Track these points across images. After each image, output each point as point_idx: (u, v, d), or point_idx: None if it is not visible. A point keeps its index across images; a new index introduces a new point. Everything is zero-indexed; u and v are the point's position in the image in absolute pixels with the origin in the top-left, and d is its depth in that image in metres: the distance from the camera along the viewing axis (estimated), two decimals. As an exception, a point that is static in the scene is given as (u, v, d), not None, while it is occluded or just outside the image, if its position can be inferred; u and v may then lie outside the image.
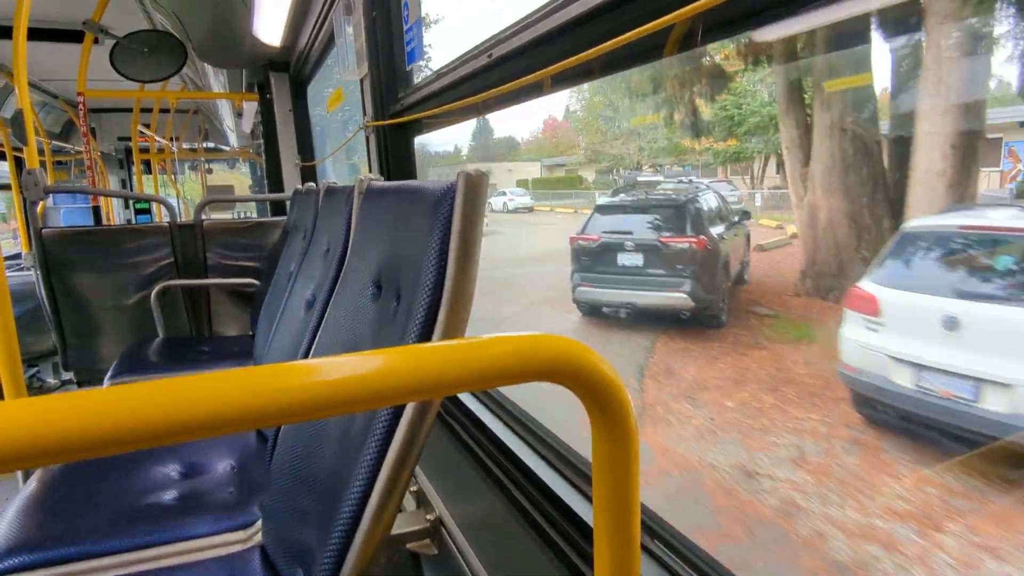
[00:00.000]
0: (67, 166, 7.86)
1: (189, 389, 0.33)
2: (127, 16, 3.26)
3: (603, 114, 21.04)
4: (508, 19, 1.20)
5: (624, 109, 18.49)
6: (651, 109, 14.91)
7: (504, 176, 31.10)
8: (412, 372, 0.39)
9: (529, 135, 46.07)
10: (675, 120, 11.40)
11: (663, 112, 12.02)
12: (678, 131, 13.26)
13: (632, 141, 18.28)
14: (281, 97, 3.90)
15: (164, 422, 0.32)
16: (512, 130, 47.45)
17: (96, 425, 0.31)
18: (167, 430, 0.33)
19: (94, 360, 2.97)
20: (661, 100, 11.86)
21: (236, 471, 1.45)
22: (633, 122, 17.51)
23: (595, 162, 21.24)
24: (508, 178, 30.44)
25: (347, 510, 0.84)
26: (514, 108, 1.36)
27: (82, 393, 0.32)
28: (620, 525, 0.47)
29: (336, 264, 1.37)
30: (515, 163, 35.71)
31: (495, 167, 32.27)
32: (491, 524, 1.42)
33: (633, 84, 15.37)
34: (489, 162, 36.40)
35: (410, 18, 1.80)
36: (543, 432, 1.34)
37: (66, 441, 0.30)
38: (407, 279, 0.89)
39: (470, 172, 0.80)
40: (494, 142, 47.26)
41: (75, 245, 2.89)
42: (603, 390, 0.44)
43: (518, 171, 31.79)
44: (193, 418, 0.33)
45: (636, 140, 17.92)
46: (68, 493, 1.31)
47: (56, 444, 0.30)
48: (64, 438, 0.30)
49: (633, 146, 18.21)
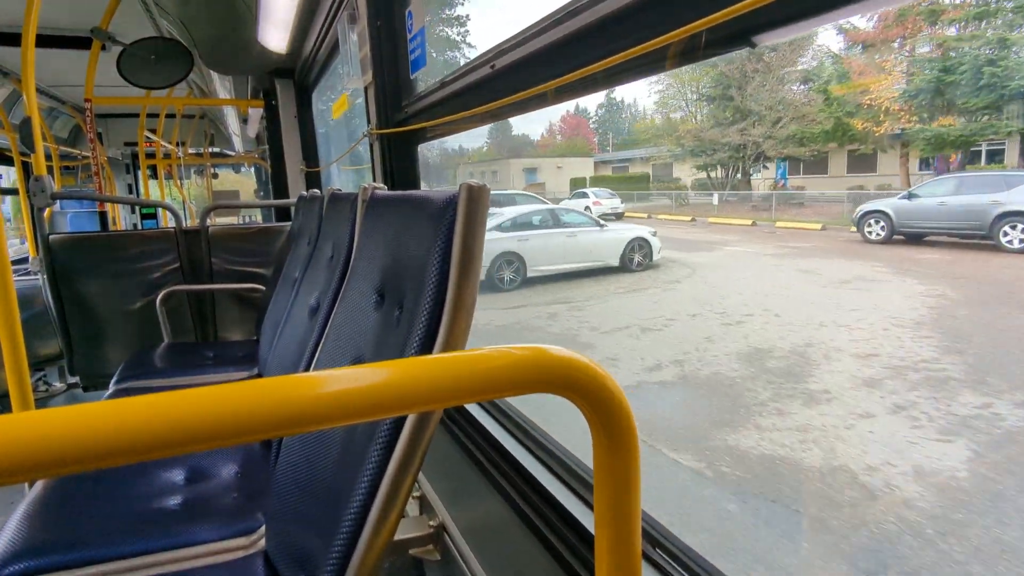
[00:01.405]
0: (74, 171, 7.91)
1: (194, 401, 0.34)
2: (134, 23, 3.28)
3: (710, 94, 16.80)
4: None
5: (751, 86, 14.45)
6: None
7: (552, 174, 28.74)
8: (415, 384, 0.39)
9: (557, 131, 43.66)
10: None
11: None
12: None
13: (757, 126, 14.27)
14: (286, 103, 3.92)
15: (170, 435, 0.33)
16: (531, 127, 45.60)
17: (102, 437, 0.32)
18: (172, 442, 0.33)
19: (100, 364, 2.99)
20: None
21: (240, 477, 1.46)
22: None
23: (699, 154, 16.31)
24: (559, 177, 28.09)
25: (350, 516, 0.85)
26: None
27: (88, 406, 0.33)
28: (621, 533, 0.48)
29: (340, 271, 1.38)
30: (564, 159, 33.53)
31: (541, 165, 30.13)
32: (493, 530, 1.42)
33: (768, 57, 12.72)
34: (516, 158, 34.73)
35: (414, 27, 1.81)
36: (546, 439, 1.34)
37: (73, 453, 0.31)
38: (410, 288, 0.90)
39: (472, 183, 0.81)
40: (519, 138, 45.13)
41: (81, 250, 2.91)
42: (604, 401, 0.45)
43: (569, 168, 29.32)
44: (198, 430, 0.34)
45: (761, 125, 14.04)
46: (73, 499, 1.32)
47: (63, 457, 0.31)
48: (71, 451, 0.31)
49: (759, 131, 14.19)
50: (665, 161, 21.65)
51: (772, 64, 14.31)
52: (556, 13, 1.04)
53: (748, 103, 14.72)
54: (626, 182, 22.86)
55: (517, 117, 37.38)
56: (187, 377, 2.21)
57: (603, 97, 47.76)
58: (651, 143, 22.28)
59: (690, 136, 16.67)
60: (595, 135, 44.69)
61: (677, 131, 17.61)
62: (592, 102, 48.57)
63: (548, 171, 29.24)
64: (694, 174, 18.00)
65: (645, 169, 24.91)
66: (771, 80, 14.25)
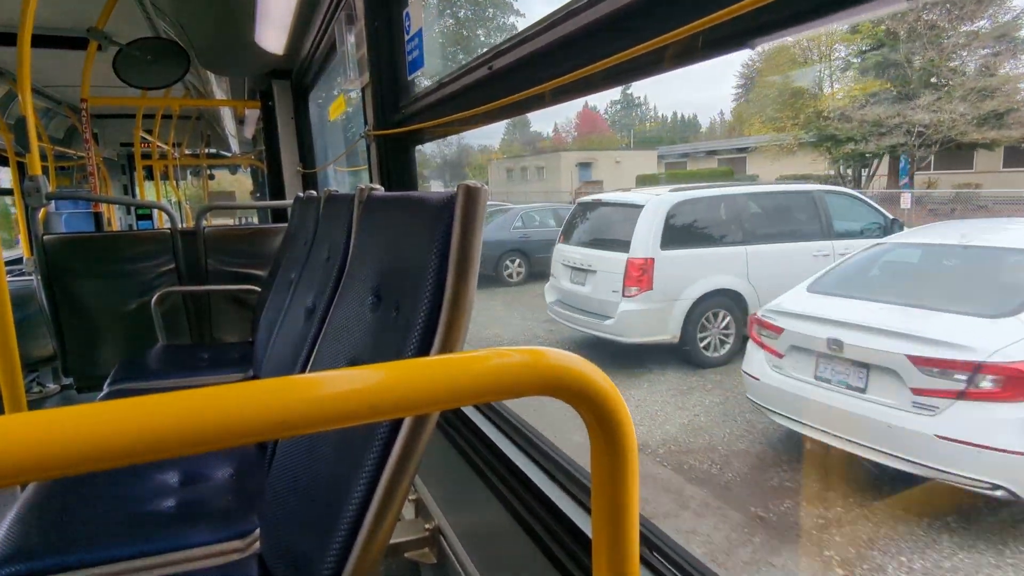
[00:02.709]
0: (69, 172, 7.88)
1: (189, 403, 0.34)
2: (131, 24, 3.27)
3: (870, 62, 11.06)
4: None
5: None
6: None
7: (610, 170, 24.84)
8: (412, 387, 0.39)
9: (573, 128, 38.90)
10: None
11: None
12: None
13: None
14: (283, 104, 3.92)
15: (164, 437, 0.33)
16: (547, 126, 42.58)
17: (96, 440, 0.31)
18: (167, 445, 0.33)
19: (94, 366, 2.97)
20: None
21: (235, 479, 1.45)
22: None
23: (843, 142, 11.16)
24: (617, 174, 24.27)
25: (346, 519, 0.84)
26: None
27: (82, 408, 0.32)
28: (619, 537, 0.47)
29: (336, 272, 1.37)
30: (621, 151, 29.30)
31: (597, 159, 25.91)
32: (490, 534, 1.42)
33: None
34: (567, 151, 30.06)
35: (411, 28, 1.81)
36: (543, 442, 1.34)
37: (66, 456, 0.30)
38: (407, 290, 0.90)
39: (469, 184, 0.80)
40: (534, 134, 39.26)
41: (76, 251, 2.90)
42: (602, 404, 0.44)
43: (630, 163, 25.33)
44: (193, 433, 0.33)
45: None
46: (67, 501, 1.31)
47: (55, 459, 0.30)
48: (63, 453, 0.30)
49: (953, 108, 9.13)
50: (731, 156, 19.23)
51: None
52: (554, 15, 1.04)
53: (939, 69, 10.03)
54: (699, 179, 18.90)
55: (536, 113, 33.60)
56: (182, 379, 2.20)
57: (618, 94, 46.79)
58: (740, 132, 19.41)
59: (826, 118, 11.83)
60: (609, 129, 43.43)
61: (803, 111, 12.99)
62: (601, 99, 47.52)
63: (605, 167, 25.20)
64: (778, 170, 13.55)
65: (708, 164, 21.37)
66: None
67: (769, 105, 14.86)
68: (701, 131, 38.55)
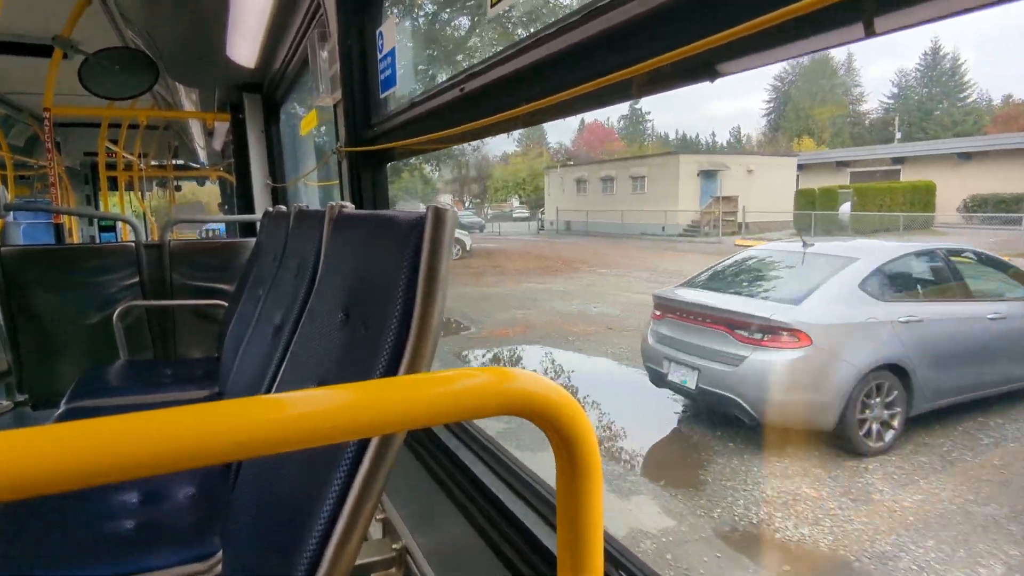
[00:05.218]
0: (30, 181, 7.66)
1: (150, 424, 0.33)
2: (98, 32, 3.22)
3: None
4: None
5: None
6: None
7: (741, 182, 19.29)
8: (379, 407, 0.39)
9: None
10: None
11: None
12: None
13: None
14: (254, 118, 3.88)
15: (121, 460, 0.32)
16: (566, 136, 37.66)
17: (49, 463, 0.30)
18: (124, 468, 0.32)
19: (51, 382, 2.88)
20: None
21: (197, 499, 1.42)
22: None
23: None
24: (749, 186, 19.00)
25: (311, 539, 0.83)
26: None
27: (34, 430, 0.32)
28: (584, 555, 0.48)
29: (305, 290, 1.36)
30: (756, 157, 22.91)
31: (725, 167, 20.40)
32: (457, 552, 1.41)
33: None
34: (686, 153, 23.53)
35: (384, 47, 1.82)
36: (511, 460, 1.34)
37: (17, 479, 0.30)
38: (375, 308, 0.90)
39: (438, 206, 0.81)
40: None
41: (34, 263, 2.82)
42: (566, 424, 0.45)
43: (765, 173, 19.96)
44: (153, 454, 0.33)
45: None
46: (20, 523, 1.26)
47: (11, 481, 0.30)
48: (15, 476, 0.30)
49: None
50: (874, 169, 16.23)
51: None
52: (523, 41, 1.06)
53: None
54: (900, 195, 14.46)
55: (550, 124, 29.39)
56: (143, 396, 2.14)
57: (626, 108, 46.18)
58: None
59: None
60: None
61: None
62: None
63: (734, 177, 19.66)
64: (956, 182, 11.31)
65: (840, 178, 17.32)
66: None
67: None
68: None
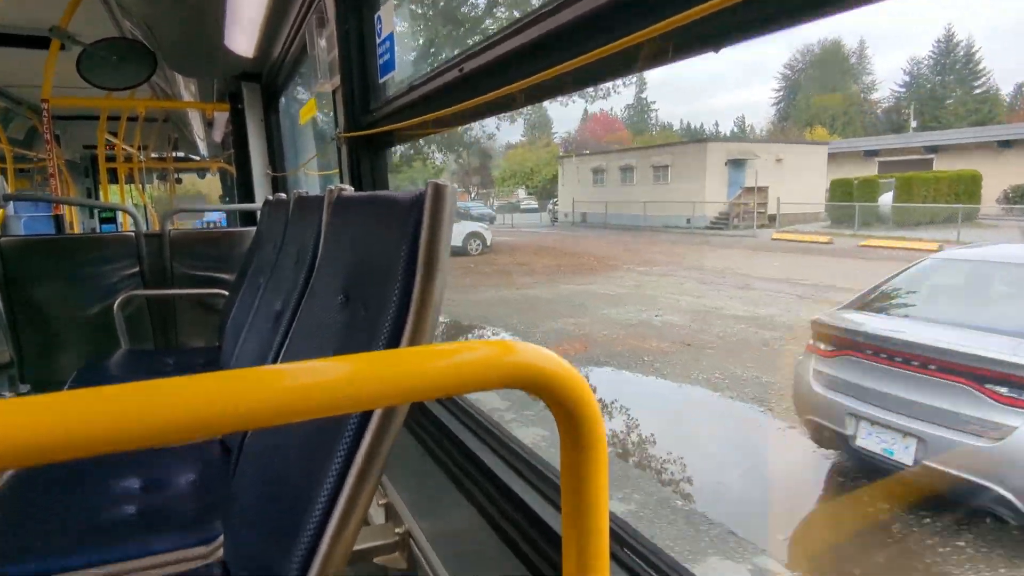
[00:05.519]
0: (30, 174, 7.65)
1: (152, 393, 0.33)
2: (96, 23, 3.20)
3: None
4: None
5: None
6: None
7: (772, 170, 17.98)
8: (379, 377, 0.39)
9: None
10: None
11: None
12: None
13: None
14: (253, 107, 3.87)
15: (125, 427, 0.32)
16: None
17: (61, 430, 0.30)
18: (128, 435, 0.32)
19: (53, 372, 2.88)
20: None
21: (197, 485, 1.42)
22: None
23: None
24: (777, 177, 17.89)
25: (311, 522, 0.83)
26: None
27: (41, 397, 0.31)
28: (589, 534, 0.47)
29: (305, 274, 1.36)
30: (783, 144, 21.40)
31: (754, 155, 18.95)
32: (461, 536, 1.41)
33: None
34: (713, 141, 21.97)
35: (383, 31, 1.81)
36: (514, 442, 1.33)
37: (22, 447, 0.29)
38: (375, 288, 0.89)
39: (438, 182, 0.80)
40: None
41: (35, 254, 2.82)
42: (571, 398, 0.44)
43: (793, 162, 18.73)
44: (155, 423, 0.32)
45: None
46: (23, 508, 1.27)
47: (13, 448, 0.29)
48: (19, 444, 0.29)
49: None
50: (905, 159, 15.20)
51: None
52: (524, 19, 1.05)
53: None
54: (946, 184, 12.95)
55: (556, 115, 28.97)
56: None
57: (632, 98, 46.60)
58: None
59: None
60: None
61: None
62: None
63: (765, 167, 18.41)
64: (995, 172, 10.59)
65: (868, 167, 16.04)
66: None
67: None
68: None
